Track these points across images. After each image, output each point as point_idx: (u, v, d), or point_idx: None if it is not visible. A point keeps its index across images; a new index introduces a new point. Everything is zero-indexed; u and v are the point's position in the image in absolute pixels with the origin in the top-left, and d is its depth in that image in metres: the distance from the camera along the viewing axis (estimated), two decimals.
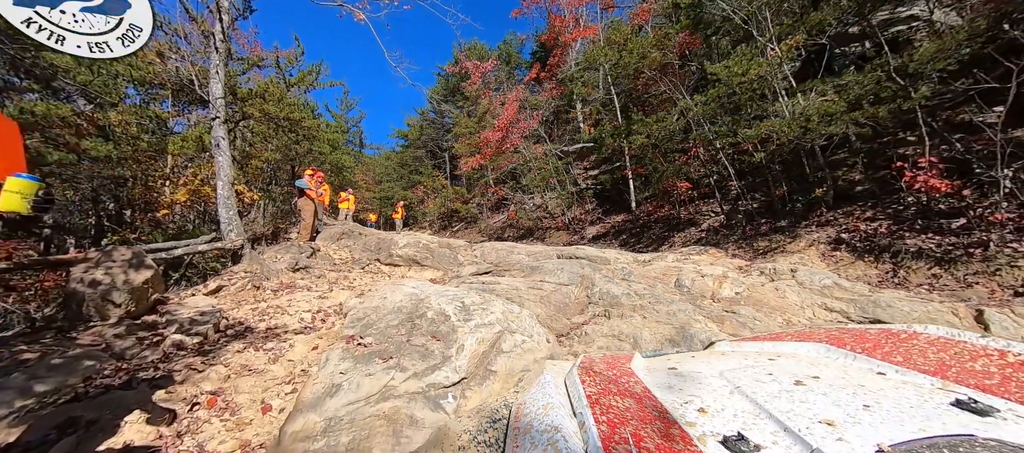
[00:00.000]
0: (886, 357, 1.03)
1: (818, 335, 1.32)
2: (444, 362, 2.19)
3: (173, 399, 2.34)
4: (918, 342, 1.09)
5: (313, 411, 1.82)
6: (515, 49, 23.09)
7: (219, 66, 5.39)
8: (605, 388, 1.07)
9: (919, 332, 1.17)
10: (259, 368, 2.75)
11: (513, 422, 1.06)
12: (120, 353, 2.71)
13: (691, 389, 1.04)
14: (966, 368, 0.92)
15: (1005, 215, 4.33)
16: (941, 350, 1.03)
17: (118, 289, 3.16)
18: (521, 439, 0.93)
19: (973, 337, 1.06)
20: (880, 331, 1.24)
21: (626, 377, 1.17)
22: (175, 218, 10.09)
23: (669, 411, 0.92)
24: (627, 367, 1.27)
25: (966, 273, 4.29)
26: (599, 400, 1.00)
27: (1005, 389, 0.81)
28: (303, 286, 5.06)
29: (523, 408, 1.10)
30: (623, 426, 0.86)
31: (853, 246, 5.33)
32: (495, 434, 1.69)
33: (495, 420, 1.75)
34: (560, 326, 4.05)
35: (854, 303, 3.95)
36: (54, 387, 2.26)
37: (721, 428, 0.82)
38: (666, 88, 7.37)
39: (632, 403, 0.98)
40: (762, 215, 7.16)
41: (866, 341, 1.16)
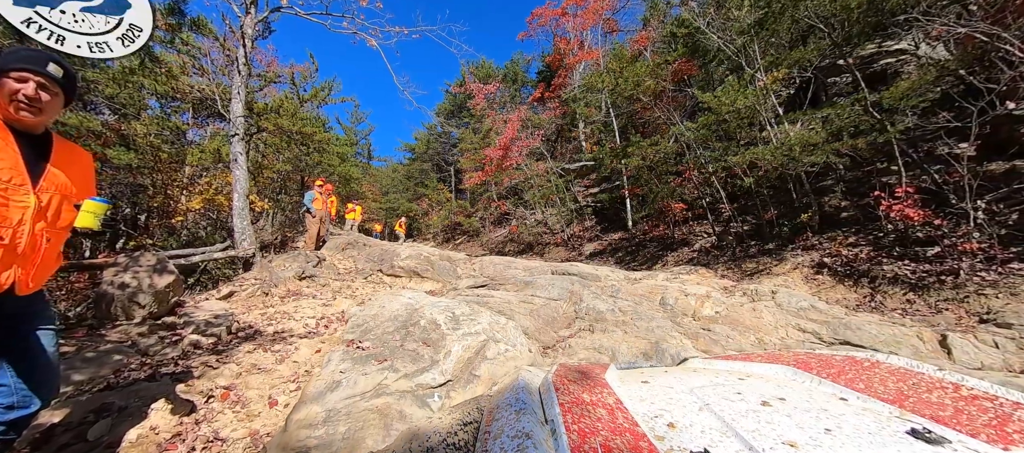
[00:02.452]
0: (849, 383, 1.07)
1: (786, 358, 1.35)
2: (432, 365, 2.46)
3: (191, 392, 2.62)
4: (879, 371, 1.14)
5: (315, 403, 2.10)
6: (521, 69, 23.78)
7: (241, 87, 5.83)
8: (578, 397, 1.09)
9: (881, 361, 1.21)
10: (267, 367, 3.04)
11: (484, 426, 1.05)
12: (144, 350, 3.02)
13: (662, 403, 1.06)
14: (922, 399, 0.95)
15: (976, 245, 4.55)
16: (900, 380, 1.06)
17: (143, 292, 3.49)
18: (491, 444, 0.92)
19: (930, 369, 1.11)
20: (845, 358, 1.28)
21: (600, 387, 1.19)
22: (188, 225, 10.53)
23: (639, 424, 0.93)
24: (601, 378, 1.29)
25: (937, 299, 4.49)
26: (571, 409, 1.00)
27: (957, 421, 0.84)
28: (309, 293, 5.37)
29: (495, 413, 1.09)
30: (593, 436, 0.86)
31: (834, 270, 5.54)
32: (465, 437, 1.70)
33: (466, 423, 1.75)
34: (547, 339, 4.30)
35: (827, 325, 4.16)
36: (89, 377, 2.57)
37: (689, 443, 0.83)
38: (661, 113, 7.72)
39: (604, 413, 0.99)
40: (752, 237, 7.38)
41: (831, 367, 1.20)
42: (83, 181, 1.53)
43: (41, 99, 1.28)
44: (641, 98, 8.00)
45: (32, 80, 1.26)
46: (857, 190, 6.53)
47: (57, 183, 1.38)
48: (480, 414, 1.76)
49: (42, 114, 1.31)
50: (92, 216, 1.46)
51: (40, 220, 1.32)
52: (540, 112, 17.55)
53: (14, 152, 1.26)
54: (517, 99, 20.26)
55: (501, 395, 1.22)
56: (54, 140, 1.41)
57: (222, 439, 2.24)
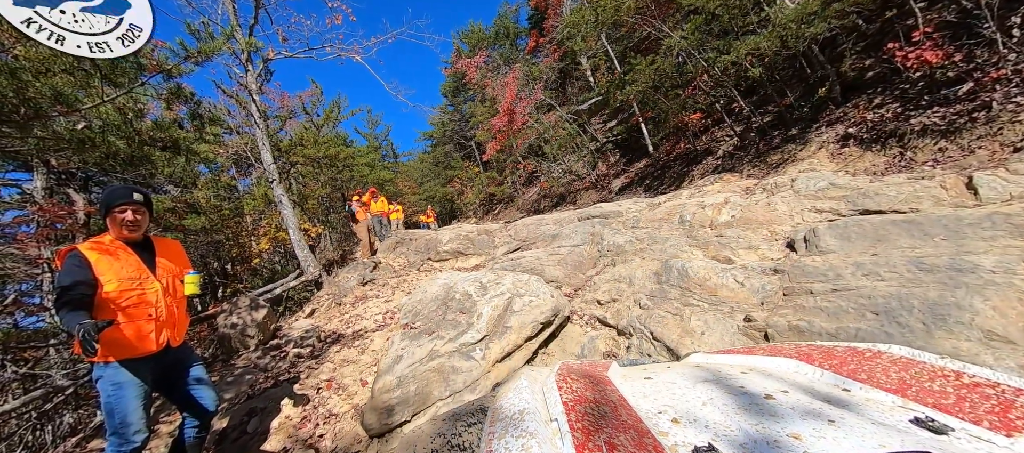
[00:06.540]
0: (851, 374, 1.07)
1: (789, 351, 1.36)
2: (468, 328, 3.05)
3: (304, 388, 3.47)
4: (882, 360, 1.14)
5: (388, 374, 2.77)
6: (511, 21, 22.89)
7: (263, 138, 6.60)
8: (581, 395, 1.09)
9: (883, 351, 1.21)
10: (354, 360, 3.84)
11: (488, 426, 1.06)
12: (264, 367, 3.94)
13: (665, 399, 1.06)
14: (925, 387, 0.95)
15: (1010, 70, 4.20)
16: (902, 369, 1.06)
17: (249, 326, 4.43)
18: (495, 443, 0.91)
19: (933, 357, 1.11)
20: (847, 349, 1.29)
21: (602, 385, 1.19)
22: (265, 263, 12.12)
23: (643, 420, 0.93)
24: (604, 375, 1.30)
25: (970, 139, 4.27)
26: (575, 407, 1.00)
27: (959, 409, 0.84)
28: (372, 295, 6.24)
29: (498, 413, 1.09)
30: (598, 434, 0.86)
31: (860, 139, 5.34)
32: (470, 438, 1.71)
33: (470, 423, 1.74)
34: (577, 281, 4.76)
35: (845, 199, 4.17)
36: (235, 394, 3.49)
37: (693, 439, 0.83)
38: (651, 30, 7.40)
39: (607, 411, 0.99)
40: (774, 127, 7.11)
41: (833, 358, 1.20)
42: (180, 260, 2.19)
43: (137, 220, 1.90)
44: (628, 19, 7.69)
45: (128, 209, 1.88)
46: (878, 44, 6.02)
47: (166, 268, 2.03)
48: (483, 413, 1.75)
49: (139, 228, 1.94)
50: (193, 285, 2.12)
51: (167, 296, 1.99)
52: (540, 61, 17.10)
53: (135, 258, 1.91)
54: (513, 55, 19.78)
55: (504, 394, 1.23)
56: (154, 240, 2.06)
57: (334, 414, 3.03)
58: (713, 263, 3.62)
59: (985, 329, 1.94)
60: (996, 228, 2.69)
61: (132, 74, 4.19)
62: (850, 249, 3.26)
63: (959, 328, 2.00)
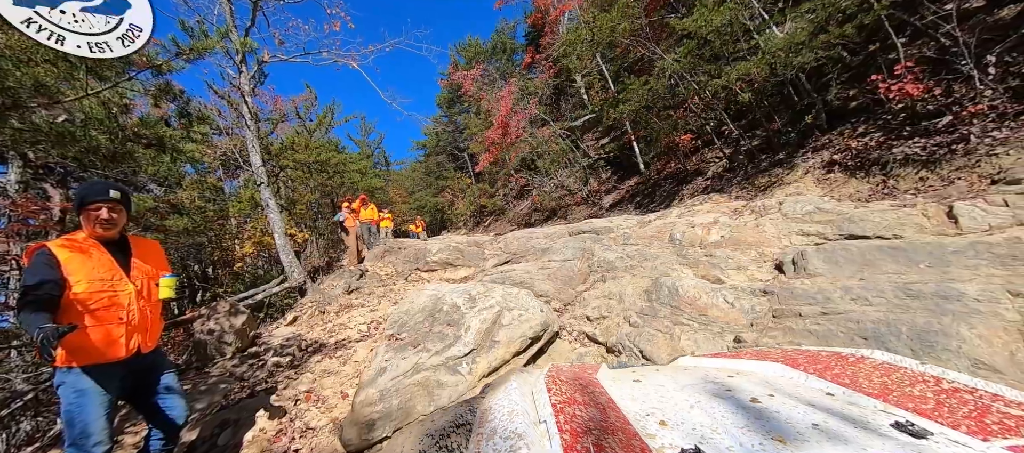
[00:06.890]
0: (835, 379, 1.10)
1: (775, 355, 1.38)
2: (456, 340, 2.98)
3: (282, 400, 3.32)
4: (864, 366, 1.17)
5: (370, 387, 2.67)
6: (508, 36, 23.26)
7: (254, 140, 6.49)
8: (570, 397, 1.09)
9: (866, 356, 1.24)
10: (335, 370, 3.70)
11: (477, 427, 1.07)
12: (240, 376, 3.77)
13: (653, 402, 1.07)
14: (905, 392, 0.97)
15: (986, 105, 4.38)
16: (884, 374, 1.09)
17: (227, 333, 4.26)
18: (484, 444, 0.92)
19: (913, 363, 1.14)
20: (831, 354, 1.32)
21: (591, 387, 1.20)
22: (248, 268, 11.80)
23: (631, 422, 0.94)
24: (593, 378, 1.32)
25: (949, 170, 4.41)
26: (564, 409, 1.01)
27: (939, 414, 0.86)
28: (358, 304, 6.09)
29: (487, 414, 1.10)
30: (586, 436, 0.87)
31: (845, 165, 5.48)
32: (458, 439, 1.72)
33: (459, 425, 1.76)
34: (566, 296, 4.72)
35: (831, 223, 4.25)
36: (207, 404, 3.33)
37: (680, 441, 0.84)
38: (645, 52, 7.58)
39: (596, 413, 1.00)
40: (762, 151, 7.28)
41: (818, 363, 1.23)
42: (158, 262, 2.09)
43: (113, 218, 1.81)
44: (622, 41, 7.87)
45: (103, 206, 1.79)
46: (863, 75, 6.24)
47: (142, 270, 1.93)
48: (473, 415, 1.76)
49: (115, 227, 1.84)
50: (168, 289, 2.01)
51: (140, 299, 1.88)
52: (536, 76, 17.34)
53: (108, 257, 1.81)
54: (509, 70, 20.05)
55: (493, 396, 1.23)
56: (131, 240, 1.96)
57: (312, 428, 2.90)
58: (703, 282, 3.62)
59: (972, 357, 1.96)
60: (979, 257, 2.75)
61: (119, 68, 4.09)
62: (838, 273, 3.30)
63: (947, 355, 2.02)
